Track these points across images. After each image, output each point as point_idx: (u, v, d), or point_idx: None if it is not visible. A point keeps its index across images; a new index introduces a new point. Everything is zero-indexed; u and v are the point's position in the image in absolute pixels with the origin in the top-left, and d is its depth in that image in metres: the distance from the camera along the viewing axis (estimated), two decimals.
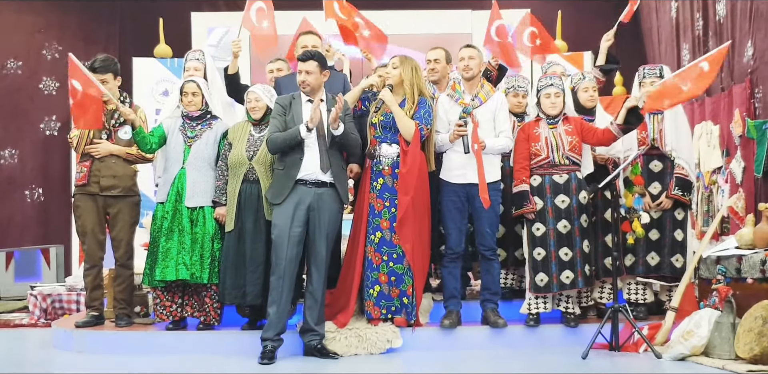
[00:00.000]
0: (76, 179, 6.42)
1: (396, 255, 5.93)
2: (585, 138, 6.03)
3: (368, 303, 5.93)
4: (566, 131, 6.03)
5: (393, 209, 5.93)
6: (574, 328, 6.03)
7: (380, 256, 5.93)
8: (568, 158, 6.02)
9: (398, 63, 6.03)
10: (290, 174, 5.68)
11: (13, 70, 10.43)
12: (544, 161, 6.05)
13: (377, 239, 5.94)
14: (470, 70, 6.10)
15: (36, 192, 10.49)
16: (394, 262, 5.93)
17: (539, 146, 6.05)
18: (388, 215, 5.93)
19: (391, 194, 5.94)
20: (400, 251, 5.93)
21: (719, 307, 5.51)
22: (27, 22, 10.52)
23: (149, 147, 6.16)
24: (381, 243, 5.93)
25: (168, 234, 6.03)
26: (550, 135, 6.04)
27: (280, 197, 5.67)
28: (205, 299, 6.09)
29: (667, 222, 6.21)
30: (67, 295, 8.05)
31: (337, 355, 5.71)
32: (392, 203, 5.93)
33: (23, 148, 10.46)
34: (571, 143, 6.01)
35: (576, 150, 6.02)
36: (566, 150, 6.00)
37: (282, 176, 5.72)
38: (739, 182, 7.26)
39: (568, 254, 5.98)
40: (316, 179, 5.70)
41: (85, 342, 6.14)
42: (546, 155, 6.04)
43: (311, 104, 5.80)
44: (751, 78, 7.11)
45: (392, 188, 5.95)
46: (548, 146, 6.03)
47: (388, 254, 5.93)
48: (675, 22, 9.03)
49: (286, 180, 5.68)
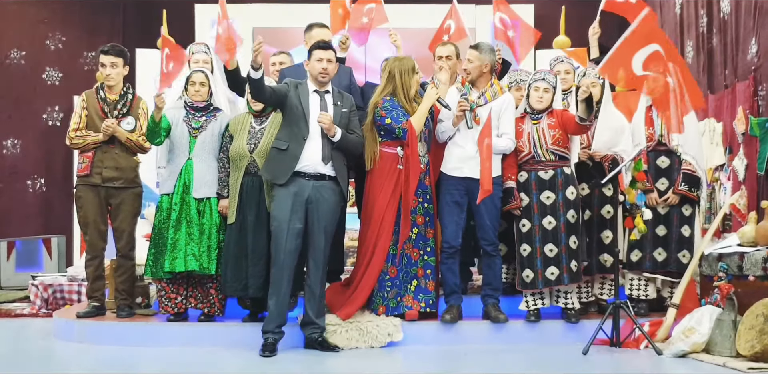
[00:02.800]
0: (78, 169, 6.42)
1: (429, 249, 6.05)
2: (566, 128, 6.00)
3: (407, 297, 5.98)
4: (549, 124, 6.01)
5: (426, 204, 6.02)
6: (574, 324, 6.03)
7: (418, 251, 6.02)
8: (553, 153, 6.01)
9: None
10: (294, 154, 5.63)
11: (16, 60, 10.42)
12: (528, 156, 6.04)
13: (414, 235, 6.00)
14: (469, 74, 6.10)
15: (38, 182, 10.50)
16: (428, 256, 6.05)
17: (522, 142, 6.05)
18: (422, 211, 6.02)
19: (424, 190, 6.01)
20: (432, 244, 6.05)
21: (721, 304, 5.51)
22: (30, 12, 10.51)
23: (160, 140, 6.15)
24: (418, 239, 6.02)
25: (176, 226, 6.02)
26: (533, 130, 6.04)
27: (284, 177, 5.62)
28: (210, 290, 6.10)
29: (674, 218, 6.20)
30: (68, 285, 8.07)
31: (338, 348, 5.72)
32: (425, 199, 6.02)
33: (26, 138, 10.46)
34: (554, 136, 5.99)
35: (560, 143, 6.00)
36: (549, 145, 5.99)
37: (284, 156, 5.65)
38: (741, 180, 7.25)
39: (553, 251, 5.97)
40: (316, 171, 5.67)
41: (86, 333, 6.15)
42: (528, 151, 6.03)
43: (317, 94, 5.78)
44: (754, 75, 7.09)
45: (423, 183, 6.00)
46: (530, 141, 6.03)
47: (423, 249, 6.03)
48: (679, 19, 9.01)
49: (290, 161, 5.63)
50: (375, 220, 5.98)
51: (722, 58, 7.86)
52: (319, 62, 5.75)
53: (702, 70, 8.38)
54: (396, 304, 5.98)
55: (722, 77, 7.90)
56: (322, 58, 5.75)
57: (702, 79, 8.38)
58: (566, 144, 6.03)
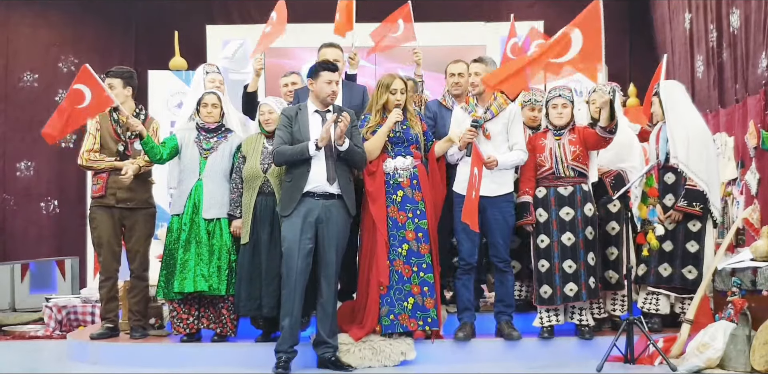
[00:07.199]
0: (93, 190, 6.45)
1: (425, 265, 5.93)
2: (587, 143, 6.01)
3: (403, 316, 5.89)
4: (570, 141, 6.02)
5: (416, 219, 5.94)
6: (588, 340, 6.00)
7: (410, 267, 5.92)
8: (573, 170, 6.01)
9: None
10: (298, 186, 5.67)
11: (29, 83, 10.52)
12: (548, 171, 6.04)
13: (404, 251, 5.93)
14: (476, 86, 6.08)
15: (51, 204, 10.56)
16: (424, 272, 5.93)
17: (543, 157, 6.05)
18: (412, 226, 5.94)
19: (413, 205, 5.95)
20: (428, 260, 5.94)
21: (734, 319, 5.48)
22: (43, 35, 10.63)
23: (159, 158, 6.19)
24: (409, 255, 5.93)
25: (185, 246, 6.05)
26: (555, 146, 6.04)
27: (289, 209, 5.67)
28: (222, 311, 6.11)
29: (680, 234, 6.18)
30: (82, 307, 8.08)
31: (351, 367, 5.71)
32: (415, 214, 5.95)
33: (39, 160, 10.54)
34: (574, 152, 5.99)
35: (580, 160, 6.01)
36: (570, 161, 5.99)
37: (290, 188, 5.72)
38: (754, 194, 7.23)
39: (572, 267, 5.96)
40: (324, 191, 5.69)
41: (99, 354, 6.16)
42: (550, 166, 6.04)
43: (318, 114, 5.80)
44: (765, 89, 7.09)
45: (413, 199, 5.96)
46: (552, 156, 6.03)
47: (417, 265, 5.92)
48: (689, 34, 9.02)
49: (294, 192, 5.68)
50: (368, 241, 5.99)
51: (733, 72, 7.86)
52: (329, 85, 5.75)
53: (713, 85, 8.38)
54: (389, 322, 5.90)
55: (733, 91, 7.89)
56: (331, 81, 5.76)
57: (713, 93, 8.39)
58: (586, 161, 6.04)
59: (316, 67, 5.85)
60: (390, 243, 5.92)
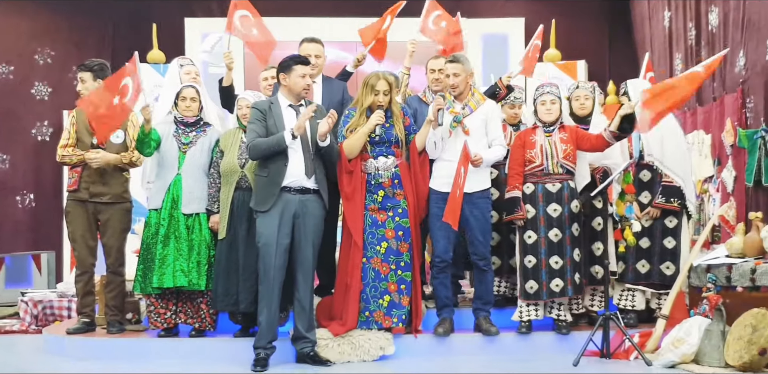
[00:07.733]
0: (68, 184, 6.41)
1: (403, 263, 5.94)
2: (580, 145, 6.05)
3: (378, 313, 5.90)
4: (561, 139, 6.06)
5: (397, 218, 5.95)
6: (565, 335, 6.04)
7: (388, 265, 5.93)
8: (562, 167, 6.05)
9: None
10: (275, 180, 5.62)
11: (4, 75, 10.41)
12: (538, 168, 6.06)
13: (383, 249, 5.93)
14: (456, 87, 6.04)
15: (27, 198, 10.47)
16: (402, 270, 5.94)
17: (534, 153, 6.07)
18: (392, 225, 5.95)
19: (394, 204, 5.95)
20: (407, 258, 5.95)
21: (709, 315, 5.53)
22: (19, 27, 10.50)
23: (150, 151, 6.13)
24: (387, 253, 5.93)
25: (164, 241, 6.02)
26: (546, 142, 6.07)
27: (267, 204, 5.62)
28: (201, 305, 6.09)
29: (657, 230, 6.23)
30: (58, 301, 8.01)
31: (330, 362, 5.71)
32: (396, 213, 5.95)
33: (15, 153, 10.43)
34: (565, 151, 6.03)
35: (570, 158, 6.04)
36: (560, 158, 6.02)
37: (266, 183, 5.65)
38: (730, 191, 7.29)
39: (559, 263, 5.99)
40: (301, 185, 5.65)
41: (76, 349, 6.13)
42: (540, 162, 6.06)
43: (291, 109, 5.75)
44: (743, 88, 7.14)
45: (394, 198, 5.96)
46: (543, 153, 6.06)
47: (395, 263, 5.93)
48: (668, 32, 9.07)
49: (272, 186, 5.62)
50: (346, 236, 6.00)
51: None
52: (303, 79, 5.70)
53: None
54: (365, 319, 5.92)
55: (711, 90, 7.94)
56: (305, 74, 5.72)
57: None
58: (575, 160, 6.07)
59: (288, 61, 5.75)
60: (368, 241, 5.92)
